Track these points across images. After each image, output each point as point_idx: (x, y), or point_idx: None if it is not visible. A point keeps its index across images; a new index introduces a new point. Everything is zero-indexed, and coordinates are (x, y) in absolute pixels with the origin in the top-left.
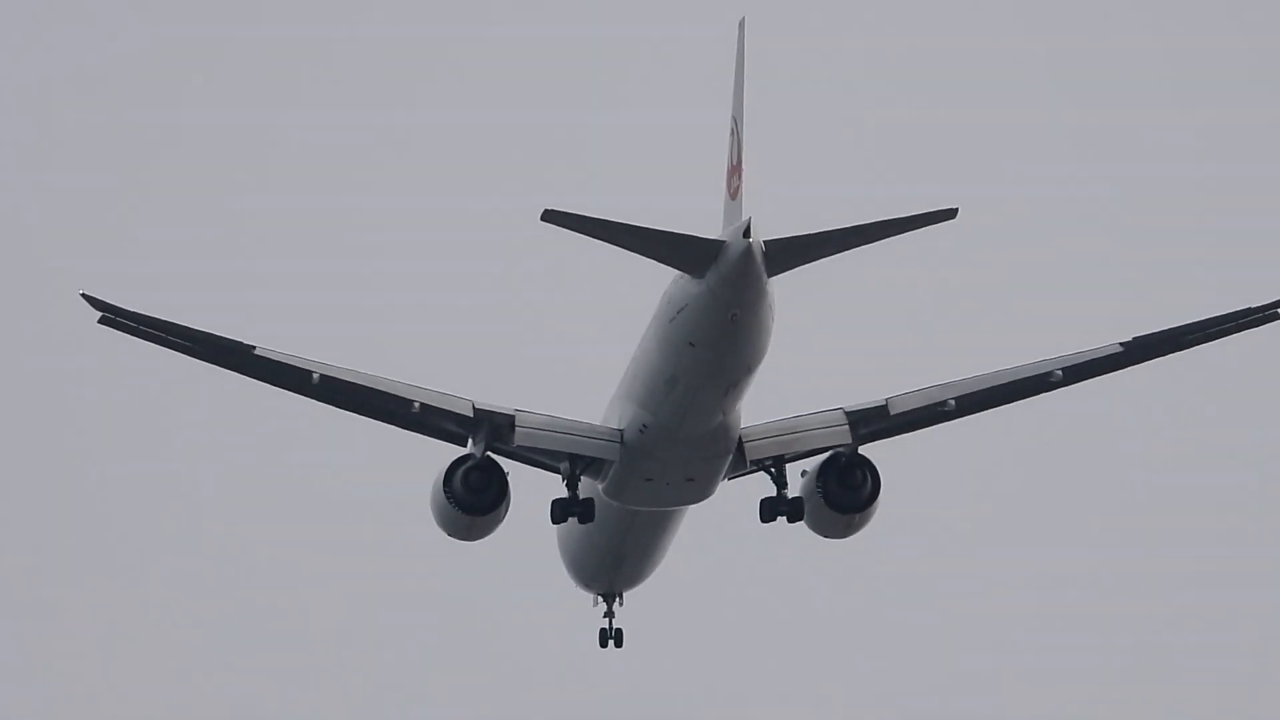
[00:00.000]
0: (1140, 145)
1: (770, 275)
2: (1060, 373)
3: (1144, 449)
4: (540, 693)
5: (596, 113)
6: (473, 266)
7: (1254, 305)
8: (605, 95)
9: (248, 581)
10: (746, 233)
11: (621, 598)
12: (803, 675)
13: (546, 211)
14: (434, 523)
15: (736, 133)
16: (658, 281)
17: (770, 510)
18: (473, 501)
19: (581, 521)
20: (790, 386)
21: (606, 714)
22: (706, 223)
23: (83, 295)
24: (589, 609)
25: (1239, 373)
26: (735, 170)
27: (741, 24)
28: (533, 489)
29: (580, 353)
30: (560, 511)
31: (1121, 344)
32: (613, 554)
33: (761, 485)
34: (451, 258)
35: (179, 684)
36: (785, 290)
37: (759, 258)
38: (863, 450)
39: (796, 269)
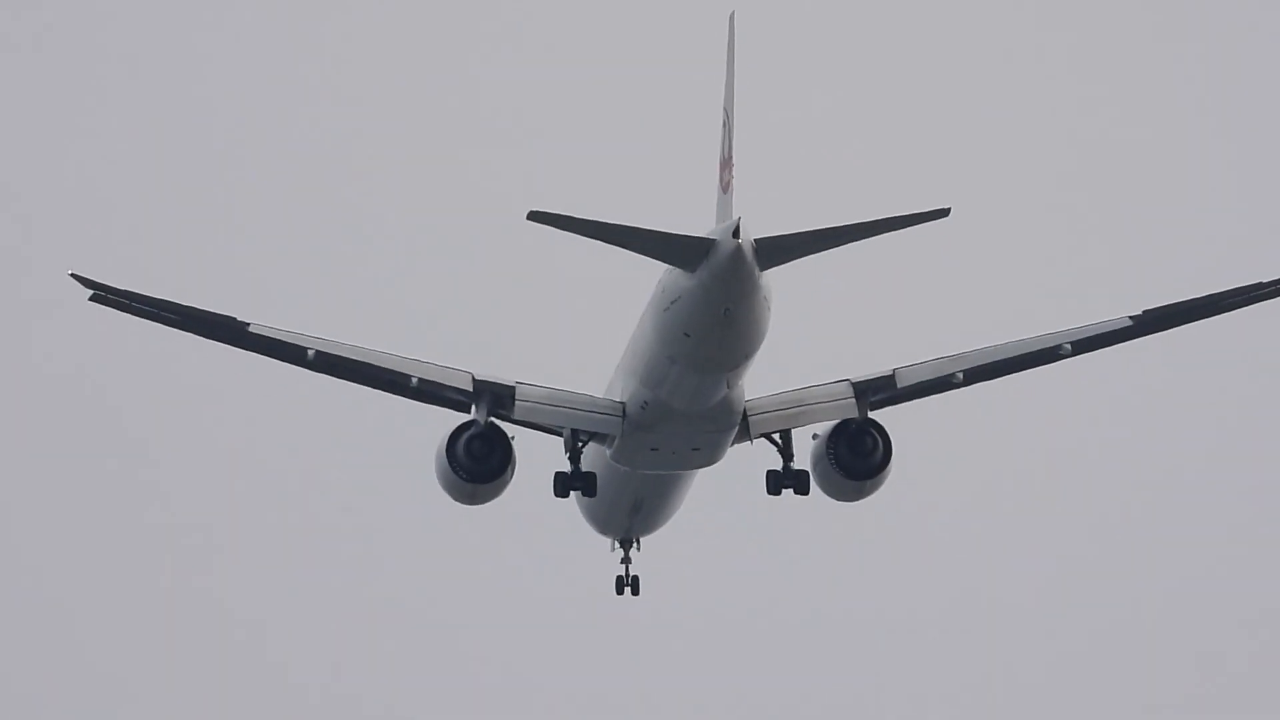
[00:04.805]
0: (1154, 125)
1: (762, 270)
2: (1070, 346)
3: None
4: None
5: (598, 98)
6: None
7: (1265, 280)
8: (603, 83)
9: (267, 547)
10: (736, 233)
11: (639, 543)
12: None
13: (532, 212)
14: (439, 487)
15: (728, 125)
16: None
17: (776, 484)
18: (476, 469)
19: (585, 495)
20: (798, 356)
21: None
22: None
23: (72, 275)
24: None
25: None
26: (727, 164)
27: (732, 17)
28: (541, 452)
29: (585, 321)
30: (562, 486)
31: (1131, 317)
32: (629, 503)
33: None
34: (452, 234)
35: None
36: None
37: (750, 255)
38: (873, 415)
39: (790, 263)
